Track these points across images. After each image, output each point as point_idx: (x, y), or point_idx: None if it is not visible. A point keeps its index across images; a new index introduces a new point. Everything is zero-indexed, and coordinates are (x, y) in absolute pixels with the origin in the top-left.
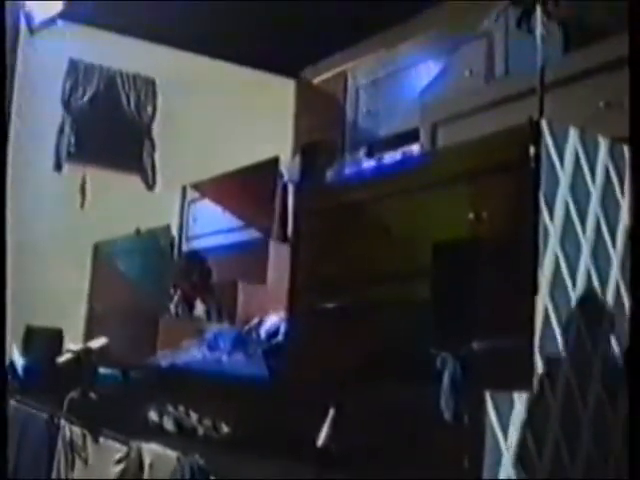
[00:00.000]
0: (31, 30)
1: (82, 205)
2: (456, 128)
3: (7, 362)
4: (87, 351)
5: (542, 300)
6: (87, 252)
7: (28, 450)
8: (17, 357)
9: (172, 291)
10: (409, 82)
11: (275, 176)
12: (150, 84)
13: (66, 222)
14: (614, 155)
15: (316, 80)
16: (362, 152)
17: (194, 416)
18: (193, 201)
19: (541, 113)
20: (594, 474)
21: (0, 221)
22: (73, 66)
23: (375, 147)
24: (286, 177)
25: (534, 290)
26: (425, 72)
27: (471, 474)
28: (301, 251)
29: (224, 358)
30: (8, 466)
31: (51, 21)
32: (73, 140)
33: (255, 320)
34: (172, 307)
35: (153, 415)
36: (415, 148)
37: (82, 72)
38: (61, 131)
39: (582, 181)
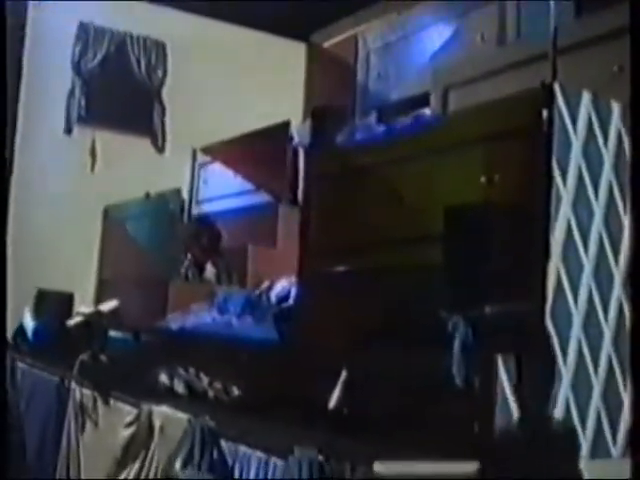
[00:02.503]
0: None
1: (92, 168)
2: (467, 92)
3: (17, 325)
4: (97, 314)
5: (554, 264)
6: (97, 215)
7: (38, 413)
8: (28, 320)
9: (182, 255)
10: (420, 46)
11: (285, 140)
12: (160, 47)
13: (76, 185)
14: (627, 119)
15: (327, 44)
16: (373, 116)
17: (205, 379)
18: (203, 164)
19: (554, 77)
20: (604, 440)
21: (1, 208)
22: (83, 29)
23: (386, 111)
24: (296, 141)
25: (546, 254)
26: (436, 36)
27: (482, 438)
28: (311, 215)
29: (234, 321)
30: (18, 429)
31: None
32: (83, 103)
33: (265, 284)
34: (182, 270)
35: (163, 378)
36: (426, 112)
37: (92, 35)
38: (71, 94)
39: (595, 145)
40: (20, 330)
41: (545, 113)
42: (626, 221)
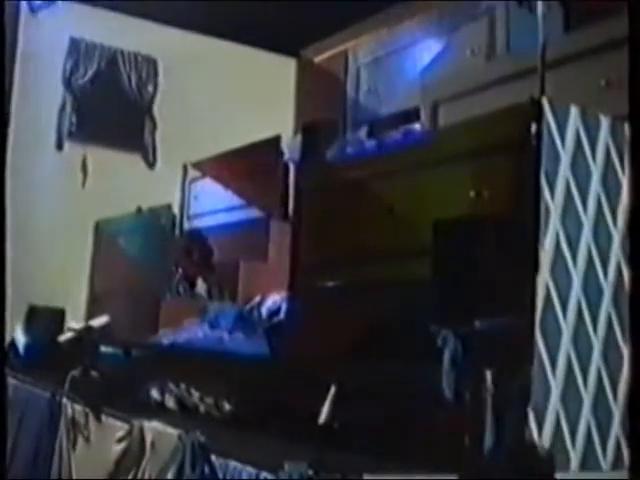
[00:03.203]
0: (32, 9)
1: (83, 184)
2: (457, 107)
3: (9, 341)
4: (89, 330)
5: (543, 278)
6: (88, 231)
7: (30, 429)
8: (19, 336)
9: (173, 270)
10: (410, 61)
11: (276, 155)
12: (151, 63)
13: (67, 201)
14: (615, 133)
15: (317, 59)
16: (363, 131)
17: (196, 394)
18: (194, 180)
19: (542, 92)
20: (594, 453)
21: (0, 210)
22: (74, 45)
23: (376, 126)
24: (287, 156)
25: (535, 268)
26: (426, 51)
27: (472, 452)
28: (302, 230)
29: (225, 336)
30: (9, 445)
31: (52, 0)
32: (74, 119)
33: (256, 299)
34: (173, 286)
35: (155, 393)
36: (416, 127)
37: (83, 51)
38: (62, 110)
39: (583, 159)
40: (11, 346)
41: (534, 127)
42: (615, 234)
